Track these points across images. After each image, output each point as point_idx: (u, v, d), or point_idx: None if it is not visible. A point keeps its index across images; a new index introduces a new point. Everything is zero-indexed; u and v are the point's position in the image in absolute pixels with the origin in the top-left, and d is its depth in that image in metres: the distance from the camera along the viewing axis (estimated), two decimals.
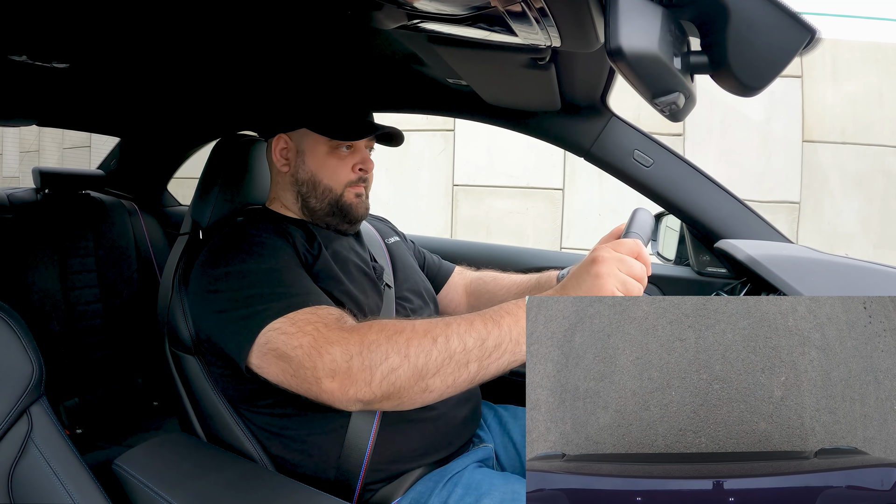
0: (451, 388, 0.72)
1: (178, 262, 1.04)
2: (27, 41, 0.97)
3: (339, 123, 1.01)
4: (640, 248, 0.77)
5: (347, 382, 0.72)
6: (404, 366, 0.71)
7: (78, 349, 1.70)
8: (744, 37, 0.53)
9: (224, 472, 0.86)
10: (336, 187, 1.02)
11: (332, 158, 1.01)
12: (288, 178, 1.03)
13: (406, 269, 1.14)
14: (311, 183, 1.01)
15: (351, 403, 0.73)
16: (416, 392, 0.71)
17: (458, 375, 0.71)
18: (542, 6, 0.59)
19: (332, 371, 0.72)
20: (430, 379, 0.71)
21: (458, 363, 0.71)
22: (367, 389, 0.71)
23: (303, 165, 1.01)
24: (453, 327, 0.72)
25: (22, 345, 0.77)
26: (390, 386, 0.71)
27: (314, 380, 0.74)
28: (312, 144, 1.01)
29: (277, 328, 0.78)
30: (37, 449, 0.75)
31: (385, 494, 0.91)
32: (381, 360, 0.71)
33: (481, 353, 0.71)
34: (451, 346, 0.71)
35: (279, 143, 1.02)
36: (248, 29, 0.99)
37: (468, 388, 0.74)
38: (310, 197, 1.02)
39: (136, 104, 1.61)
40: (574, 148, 1.27)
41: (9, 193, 1.70)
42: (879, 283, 0.88)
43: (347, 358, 0.72)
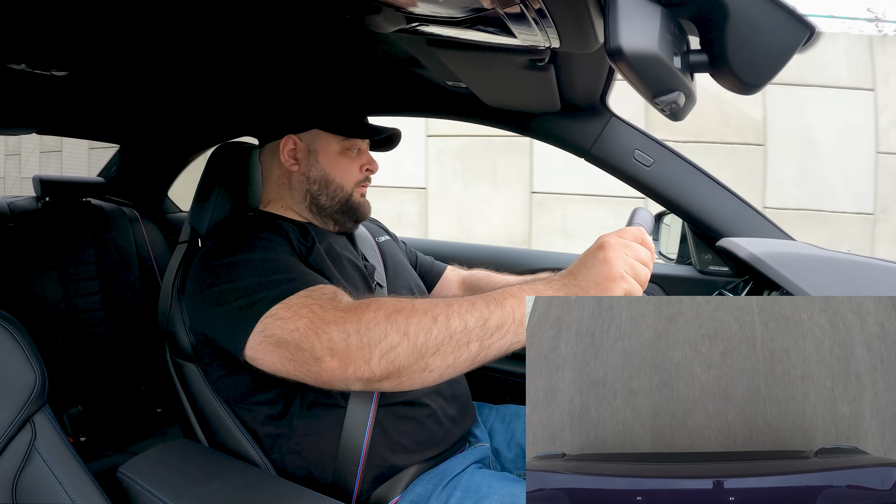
0: (451, 368, 0.71)
1: (177, 270, 1.05)
2: (26, 49, 0.98)
3: (353, 123, 1.06)
4: (643, 234, 0.77)
5: (347, 360, 0.71)
6: (403, 344, 0.70)
7: (81, 357, 1.70)
8: (743, 35, 0.53)
9: (228, 478, 0.86)
10: (347, 186, 1.06)
11: (343, 158, 1.06)
12: (297, 178, 1.05)
13: (397, 267, 1.16)
14: (324, 181, 1.05)
15: (351, 382, 0.72)
16: (415, 371, 0.70)
17: (458, 355, 0.70)
18: (540, 7, 0.59)
19: (330, 350, 0.72)
20: (430, 358, 0.70)
21: (458, 342, 0.70)
22: (366, 367, 0.70)
23: (316, 164, 1.05)
24: (454, 307, 0.71)
25: (24, 353, 0.77)
26: (389, 364, 0.70)
27: (313, 360, 0.73)
28: (325, 144, 1.05)
29: (274, 314, 0.78)
30: (41, 458, 0.75)
31: (382, 494, 0.91)
32: (380, 338, 0.70)
33: (483, 332, 0.70)
34: (451, 325, 0.70)
35: (288, 143, 1.04)
36: (247, 34, 0.99)
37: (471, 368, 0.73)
38: (320, 195, 1.05)
39: (135, 111, 1.61)
40: (574, 149, 1.27)
41: (9, 202, 1.71)
42: (882, 280, 0.88)
43: (345, 336, 0.71)
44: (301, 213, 1.07)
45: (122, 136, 1.93)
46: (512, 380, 1.40)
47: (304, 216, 1.07)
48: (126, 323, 1.81)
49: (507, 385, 1.23)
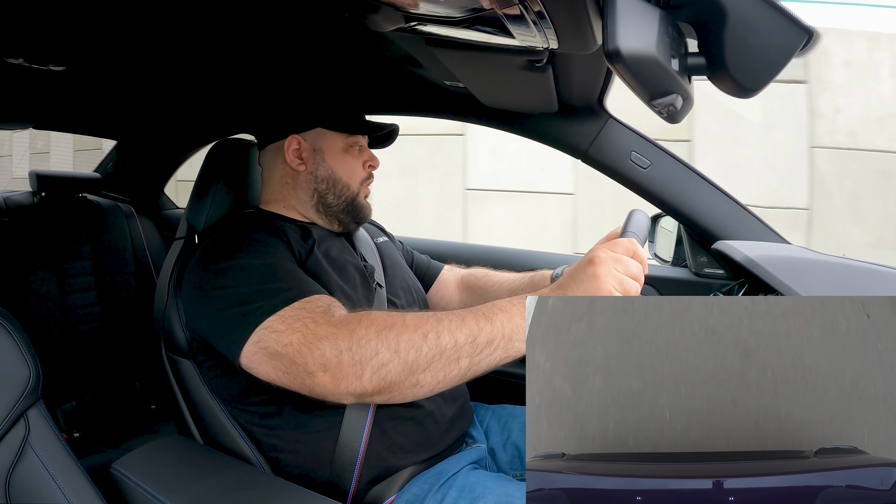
0: (441, 384, 0.73)
1: (173, 266, 1.04)
2: (24, 44, 0.97)
3: (356, 120, 1.06)
4: (636, 247, 0.77)
5: (339, 376, 0.72)
6: (394, 361, 0.71)
7: (75, 352, 1.70)
8: (741, 38, 0.54)
9: (222, 476, 0.86)
10: (353, 184, 1.06)
11: (348, 156, 1.06)
12: (304, 177, 1.05)
13: (395, 268, 1.16)
14: (332, 180, 1.05)
15: (344, 396, 0.74)
16: (407, 387, 0.72)
17: (448, 371, 0.72)
18: (539, 9, 0.59)
19: (323, 366, 0.73)
20: (421, 374, 0.71)
21: (448, 359, 0.71)
22: (357, 384, 0.72)
23: (322, 163, 1.04)
24: (444, 323, 0.72)
25: (19, 348, 0.77)
26: (381, 381, 0.71)
27: (307, 374, 0.74)
28: (329, 143, 1.05)
29: (269, 327, 0.78)
30: (34, 453, 0.75)
31: (377, 493, 0.91)
32: (371, 355, 0.71)
33: (472, 349, 0.71)
34: (441, 343, 0.71)
35: (292, 143, 1.04)
36: (245, 31, 0.99)
37: (461, 383, 0.74)
38: (328, 193, 1.05)
39: (133, 107, 1.60)
40: (571, 150, 1.27)
41: (5, 197, 1.70)
42: (877, 284, 0.88)
43: (337, 353, 0.73)
44: (305, 214, 1.07)
45: (119, 132, 1.93)
46: (510, 381, 1.40)
47: (307, 216, 1.06)
48: (121, 319, 1.81)
49: (504, 386, 1.23)
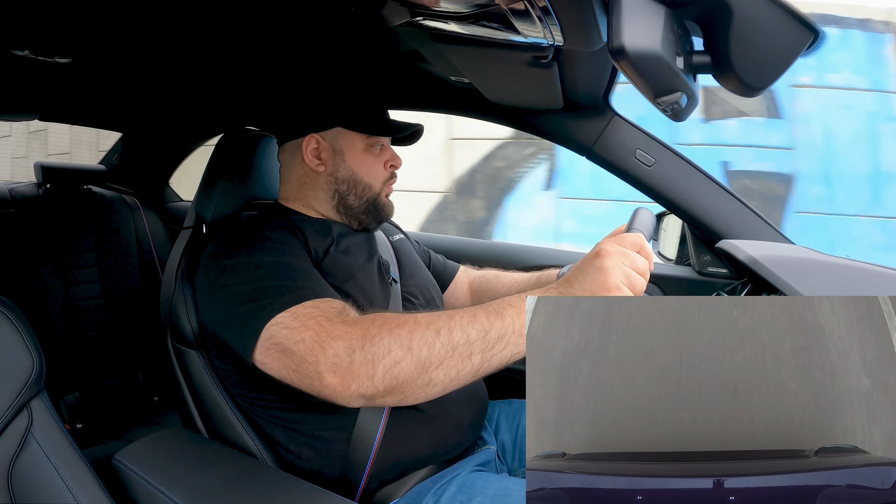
0: (454, 381, 0.71)
1: (181, 256, 1.04)
2: (30, 36, 0.98)
3: (377, 120, 1.03)
4: (642, 241, 0.77)
5: (349, 377, 0.71)
6: (407, 359, 0.70)
7: (78, 344, 1.71)
8: (747, 37, 0.53)
9: (225, 468, 0.86)
10: (375, 184, 1.04)
11: (368, 156, 1.03)
12: (324, 178, 1.03)
13: (412, 266, 1.14)
14: (353, 181, 1.02)
15: (353, 399, 0.72)
16: (419, 385, 0.70)
17: (461, 368, 0.70)
18: (545, 5, 0.59)
19: (334, 365, 0.71)
20: (434, 372, 0.70)
21: (461, 355, 0.70)
22: (369, 384, 0.70)
23: (343, 164, 1.02)
24: (456, 319, 0.71)
25: (23, 339, 0.77)
26: (393, 380, 0.70)
27: (316, 374, 0.73)
28: (349, 143, 1.02)
29: (280, 322, 0.77)
30: (37, 443, 0.75)
31: (386, 494, 0.91)
32: (384, 353, 0.70)
33: (484, 344, 0.70)
34: (454, 338, 0.70)
35: (311, 143, 1.01)
36: (251, 23, 0.99)
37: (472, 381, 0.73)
38: (349, 194, 1.03)
39: (138, 99, 1.61)
40: (576, 146, 1.26)
41: (10, 188, 1.71)
42: (880, 285, 0.88)
43: (350, 352, 0.71)
44: (325, 213, 1.05)
45: (125, 124, 1.93)
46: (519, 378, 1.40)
47: (327, 216, 1.05)
48: (124, 311, 1.81)
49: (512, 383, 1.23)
